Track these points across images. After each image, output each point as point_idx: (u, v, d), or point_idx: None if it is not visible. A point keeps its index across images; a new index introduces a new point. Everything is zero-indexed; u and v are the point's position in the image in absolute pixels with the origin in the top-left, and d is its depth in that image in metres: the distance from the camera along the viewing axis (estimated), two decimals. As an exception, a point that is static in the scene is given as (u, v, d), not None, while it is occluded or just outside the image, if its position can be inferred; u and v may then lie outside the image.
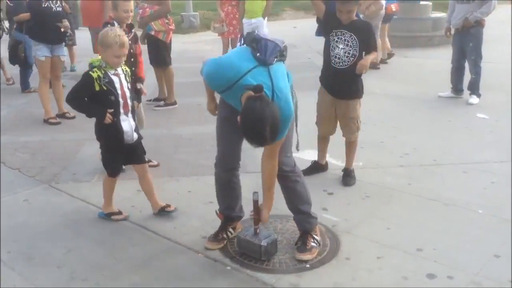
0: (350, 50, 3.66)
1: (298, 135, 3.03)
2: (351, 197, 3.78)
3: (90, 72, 3.17)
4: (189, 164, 4.46)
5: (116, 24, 3.99)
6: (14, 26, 7.22)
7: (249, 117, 2.41)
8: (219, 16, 7.96)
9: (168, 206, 3.49)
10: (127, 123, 3.30)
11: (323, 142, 4.19)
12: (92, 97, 3.21)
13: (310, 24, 15.06)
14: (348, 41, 3.67)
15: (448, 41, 7.16)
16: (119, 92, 3.22)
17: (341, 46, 3.68)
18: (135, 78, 4.13)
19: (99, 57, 3.26)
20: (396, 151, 4.67)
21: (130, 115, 3.35)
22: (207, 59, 2.76)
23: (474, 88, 6.19)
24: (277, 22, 14.80)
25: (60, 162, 4.54)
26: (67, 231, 3.26)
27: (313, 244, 3.00)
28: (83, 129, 5.46)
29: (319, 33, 4.27)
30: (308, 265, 2.89)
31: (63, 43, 5.97)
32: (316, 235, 3.06)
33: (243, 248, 3.00)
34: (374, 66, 8.06)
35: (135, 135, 3.40)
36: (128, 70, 3.41)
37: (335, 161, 4.37)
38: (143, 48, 6.64)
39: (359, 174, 4.10)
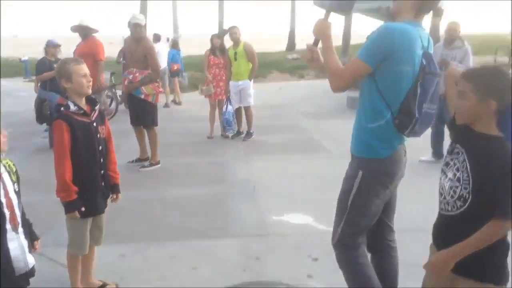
0: (458, 187, 2.04)
1: None
2: (337, 263, 3.76)
3: None
4: (175, 227, 4.43)
5: (71, 104, 2.95)
6: (39, 85, 7.47)
7: None
8: (206, 79, 8.20)
9: None
10: (16, 245, 2.31)
11: None
12: None
13: (294, 85, 15.60)
14: (458, 168, 2.05)
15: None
16: (3, 200, 2.25)
17: (449, 174, 2.10)
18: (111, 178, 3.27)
19: None
20: (379, 215, 4.70)
21: (21, 230, 2.35)
22: None
23: (453, 153, 6.33)
24: (263, 83, 15.21)
25: (42, 224, 4.48)
26: (47, 299, 3.18)
27: None
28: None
29: None
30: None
31: None
32: None
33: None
34: (165, 105, 9.86)
35: (30, 260, 2.41)
36: (12, 164, 2.40)
37: (320, 224, 4.38)
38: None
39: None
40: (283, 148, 7.45)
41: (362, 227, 2.57)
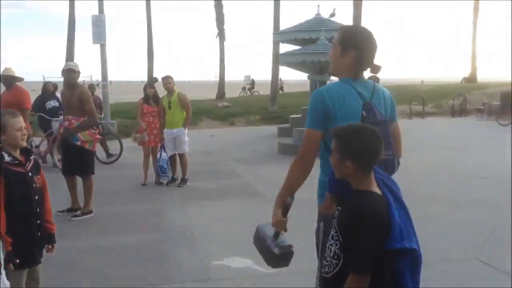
0: (332, 244, 2.04)
1: None
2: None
3: None
4: (113, 277, 4.32)
5: (6, 155, 2.92)
6: None
7: None
8: (139, 126, 8.19)
9: None
10: None
11: None
12: None
13: (226, 132, 15.87)
14: (335, 227, 2.05)
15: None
16: None
17: (332, 233, 2.08)
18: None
19: None
20: None
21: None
22: None
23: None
24: (195, 130, 15.33)
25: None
26: None
27: None
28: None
29: None
30: None
31: None
32: None
33: (256, 243, 2.58)
34: None
35: None
36: None
37: (260, 267, 4.45)
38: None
39: None
40: (218, 194, 7.53)
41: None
